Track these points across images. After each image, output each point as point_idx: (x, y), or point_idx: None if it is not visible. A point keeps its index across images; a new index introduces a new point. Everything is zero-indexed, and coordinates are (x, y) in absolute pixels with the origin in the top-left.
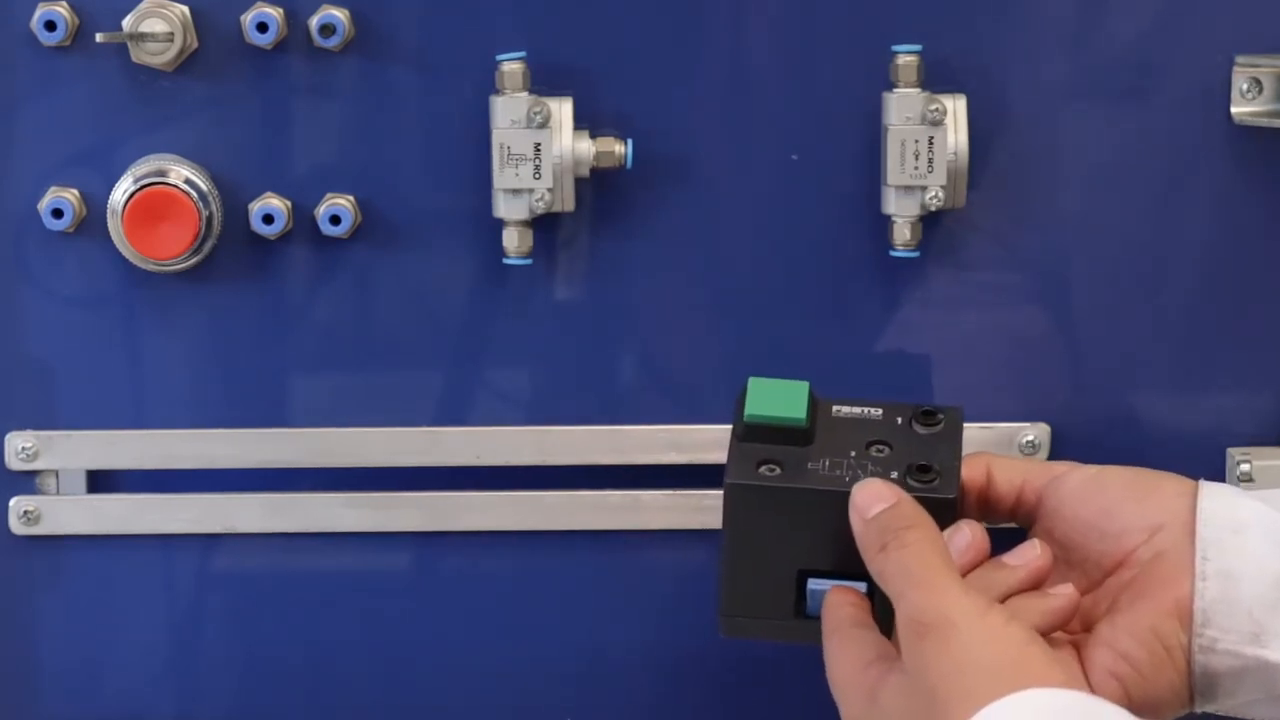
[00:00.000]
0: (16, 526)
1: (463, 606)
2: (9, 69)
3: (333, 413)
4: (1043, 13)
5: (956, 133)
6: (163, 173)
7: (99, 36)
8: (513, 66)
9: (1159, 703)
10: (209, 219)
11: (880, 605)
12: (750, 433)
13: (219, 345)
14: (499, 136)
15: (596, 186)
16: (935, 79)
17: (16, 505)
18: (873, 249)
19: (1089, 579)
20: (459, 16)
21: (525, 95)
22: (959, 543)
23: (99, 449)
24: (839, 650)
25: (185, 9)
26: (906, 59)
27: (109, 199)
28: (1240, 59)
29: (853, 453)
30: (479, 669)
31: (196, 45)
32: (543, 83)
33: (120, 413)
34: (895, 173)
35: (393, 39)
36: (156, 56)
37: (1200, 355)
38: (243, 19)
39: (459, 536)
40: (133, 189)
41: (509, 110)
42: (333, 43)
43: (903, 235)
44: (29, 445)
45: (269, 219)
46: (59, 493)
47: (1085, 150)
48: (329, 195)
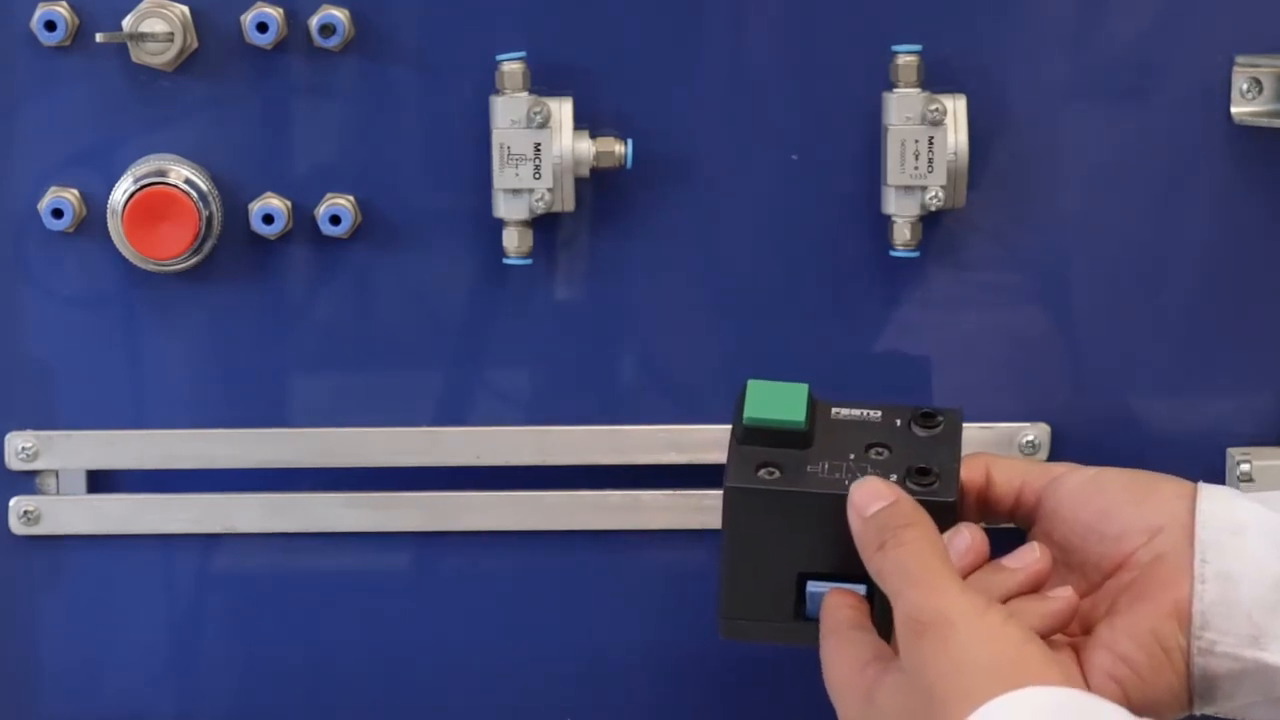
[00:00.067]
0: (16, 526)
1: (463, 606)
2: (9, 69)
3: (333, 413)
4: (1043, 13)
5: (956, 133)
6: (163, 173)
7: (99, 36)
8: (513, 66)
9: (1158, 705)
10: (209, 219)
11: (880, 607)
12: (749, 435)
13: (219, 345)
14: (499, 136)
15: (596, 186)
16: (935, 79)
17: (16, 505)
18: (873, 249)
19: (1088, 581)
20: (459, 16)
21: (525, 95)
22: (958, 545)
23: (99, 449)
24: (835, 651)
25: (185, 9)
26: (906, 59)
27: (109, 199)
28: (1240, 59)
29: (852, 455)
30: (479, 669)
31: (196, 45)
32: (543, 83)
33: (120, 413)
34: (895, 173)
35: (393, 39)
36: (156, 56)
37: (1200, 355)
38: (243, 19)
39: (459, 536)
40: (133, 189)
41: (509, 110)
42: (333, 43)
43: (903, 235)
44: (29, 445)
45: (269, 219)
46: (59, 493)
47: (1085, 150)
48: (329, 195)
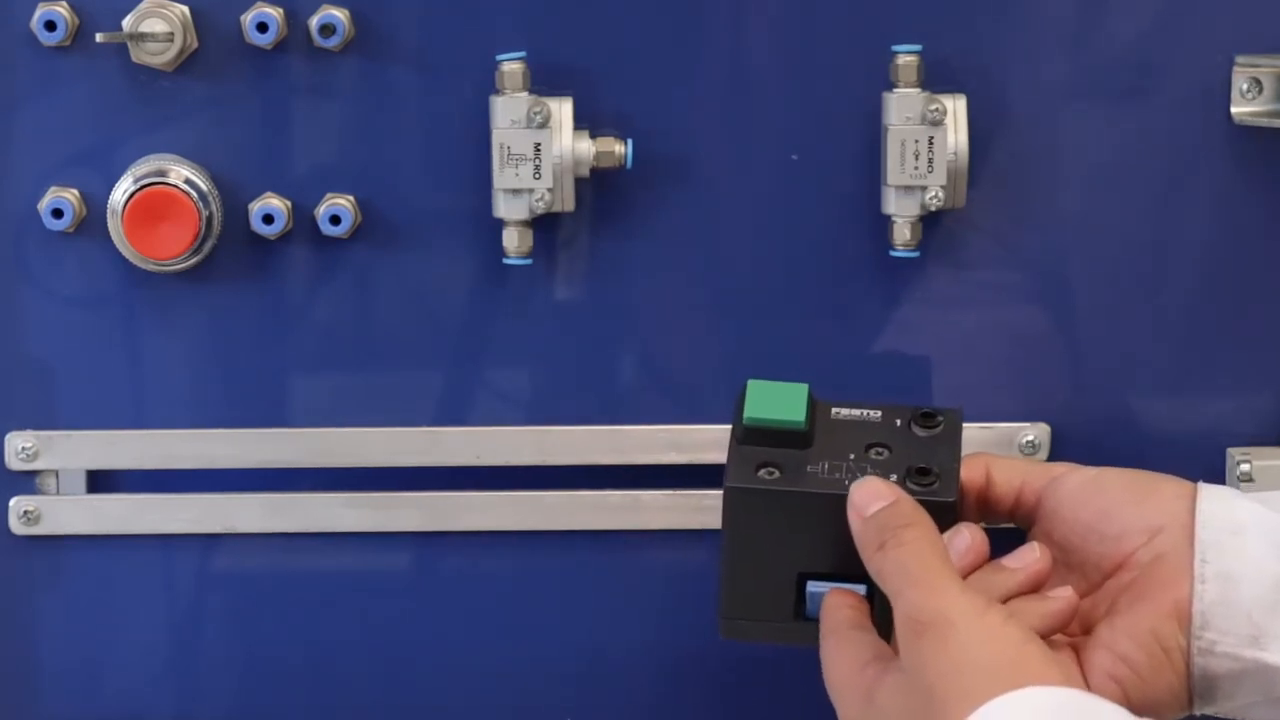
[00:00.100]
0: (16, 526)
1: (463, 606)
2: (9, 69)
3: (333, 413)
4: (1043, 13)
5: (956, 133)
6: (163, 173)
7: (99, 36)
8: (513, 66)
9: (1158, 705)
10: (209, 219)
11: (880, 607)
12: (749, 435)
13: (219, 345)
14: (499, 136)
15: (596, 186)
16: (935, 79)
17: (16, 505)
18: (873, 249)
19: (1088, 581)
20: (459, 16)
21: (525, 95)
22: (958, 546)
23: (99, 449)
24: (835, 652)
25: (185, 9)
26: (906, 59)
27: (109, 199)
28: (1240, 59)
29: (852, 455)
30: (479, 669)
31: (196, 45)
32: (543, 83)
33: (120, 413)
34: (895, 173)
35: (393, 39)
36: (156, 56)
37: (1200, 355)
38: (243, 19)
39: (459, 536)
40: (133, 189)
41: (509, 110)
42: (333, 43)
43: (903, 235)
44: (29, 445)
45: (269, 219)
46: (59, 493)
47: (1085, 150)
48: (329, 195)
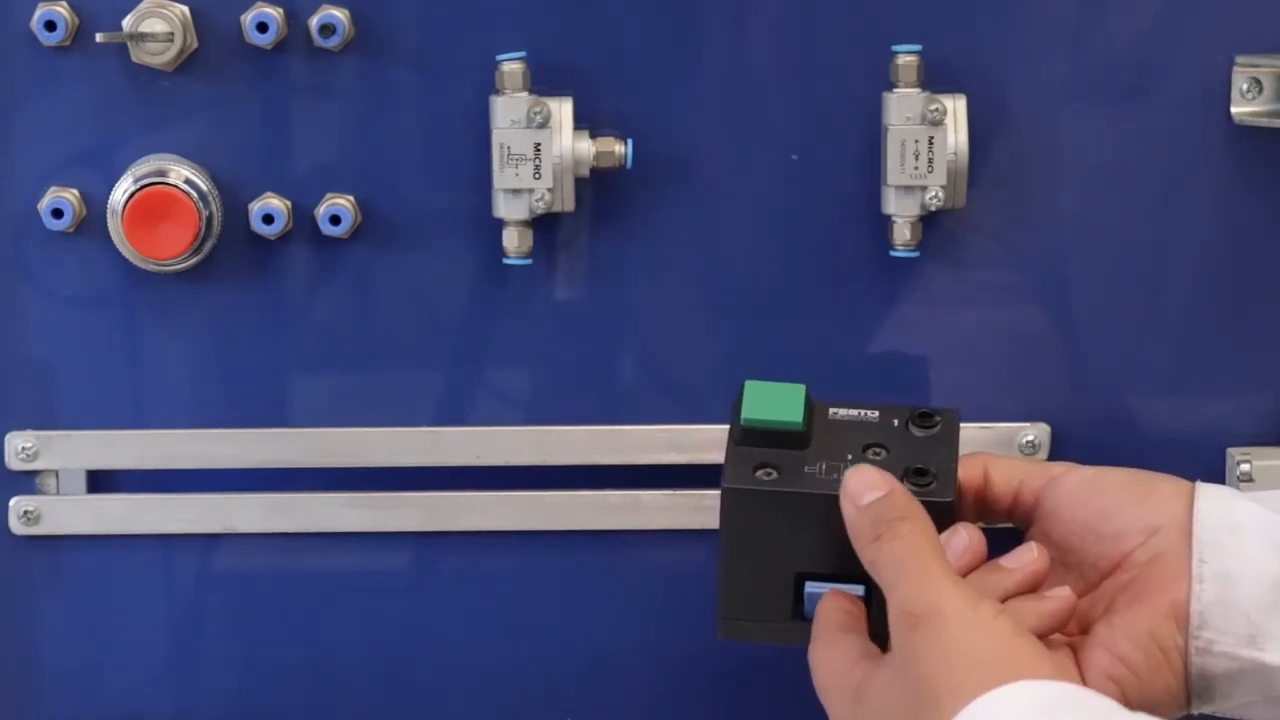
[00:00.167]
0: (16, 526)
1: (463, 606)
2: (9, 69)
3: (333, 413)
4: (1043, 13)
5: (956, 133)
6: (163, 173)
7: (99, 36)
8: (513, 66)
9: (1155, 704)
10: (209, 219)
11: (878, 608)
12: (747, 436)
13: (219, 345)
14: (499, 136)
15: (596, 186)
16: (935, 79)
17: (16, 505)
18: (873, 249)
19: (1086, 581)
20: (459, 16)
21: (525, 95)
22: (956, 546)
23: (99, 449)
24: (823, 653)
25: (185, 9)
26: (906, 59)
27: (109, 199)
28: (1240, 59)
29: (849, 455)
30: (479, 669)
31: (196, 45)
32: (543, 83)
33: (120, 413)
34: (895, 173)
35: (393, 39)
36: (156, 56)
37: (1200, 355)
38: (243, 19)
39: (459, 536)
40: (133, 189)
41: (509, 110)
42: (333, 43)
43: (903, 235)
44: (29, 445)
45: (269, 219)
46: (59, 493)
47: (1085, 150)
48: (329, 195)
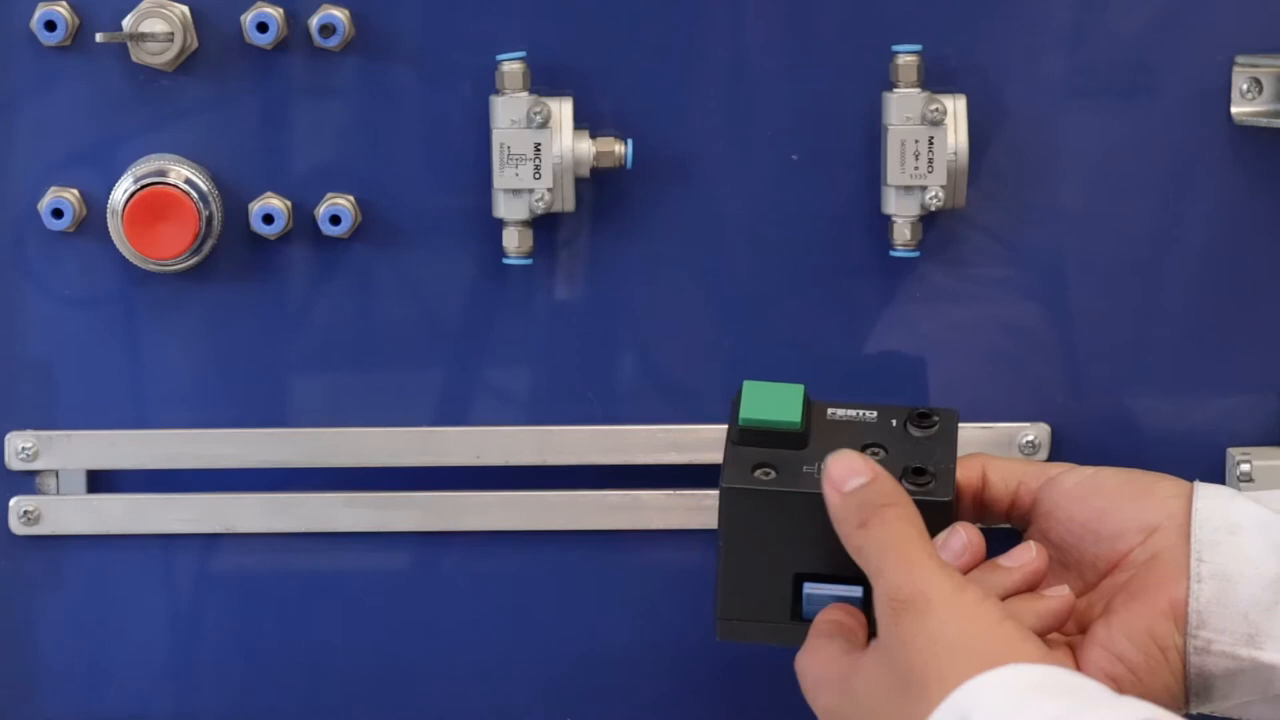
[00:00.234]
0: (16, 526)
1: (462, 606)
2: (9, 69)
3: (333, 413)
4: (1043, 13)
5: (956, 133)
6: (163, 173)
7: (99, 36)
8: (513, 66)
9: (1154, 703)
10: (209, 219)
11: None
12: (745, 436)
13: (219, 345)
14: (499, 136)
15: (596, 186)
16: (935, 79)
17: (16, 505)
18: (873, 249)
19: (1084, 580)
20: (459, 16)
21: (525, 95)
22: (954, 545)
23: (99, 449)
24: (809, 658)
25: (185, 9)
26: (906, 59)
27: (109, 199)
28: (1240, 59)
29: None
30: (479, 669)
31: (196, 45)
32: (543, 83)
33: (120, 413)
34: (895, 173)
35: (393, 39)
36: (156, 56)
37: (1200, 355)
38: (243, 19)
39: (459, 536)
40: (133, 189)
41: (509, 110)
42: (333, 43)
43: (903, 235)
44: (29, 445)
45: (269, 219)
46: (59, 493)
47: (1085, 150)
48: (329, 195)
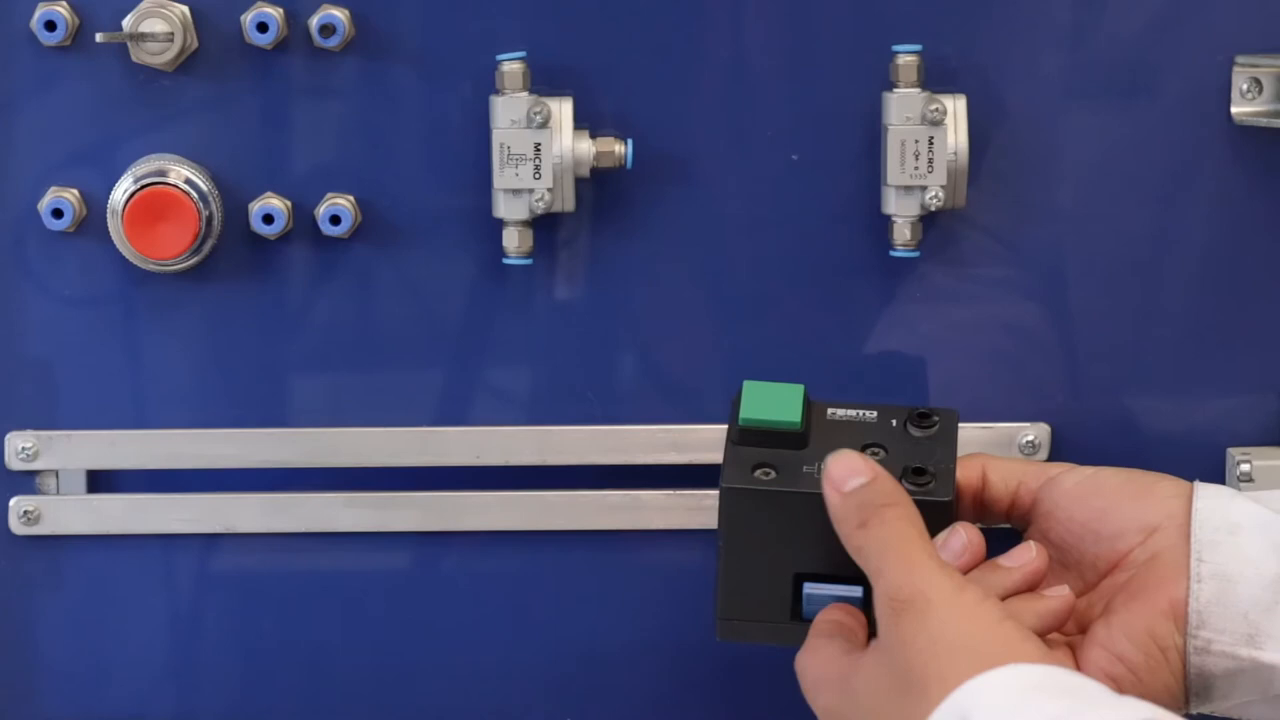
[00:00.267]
0: (16, 526)
1: (462, 606)
2: (9, 69)
3: (333, 413)
4: (1043, 13)
5: (956, 133)
6: (163, 173)
7: (99, 36)
8: (513, 66)
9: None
10: (209, 219)
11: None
12: (745, 436)
13: (219, 345)
14: (499, 136)
15: (596, 186)
16: (935, 79)
17: (16, 505)
18: (873, 249)
19: (1084, 580)
20: (459, 16)
21: (525, 95)
22: (954, 545)
23: (99, 449)
24: (808, 658)
25: (185, 9)
26: (906, 59)
27: (109, 199)
28: (1240, 59)
29: None
30: (479, 669)
31: (196, 45)
32: (543, 83)
33: (120, 413)
34: (895, 173)
35: (393, 39)
36: (156, 56)
37: (1200, 355)
38: (243, 19)
39: (459, 536)
40: (133, 189)
41: (509, 110)
42: (333, 43)
43: (903, 235)
44: (29, 445)
45: (269, 219)
46: (59, 493)
47: (1085, 150)
48: (329, 195)
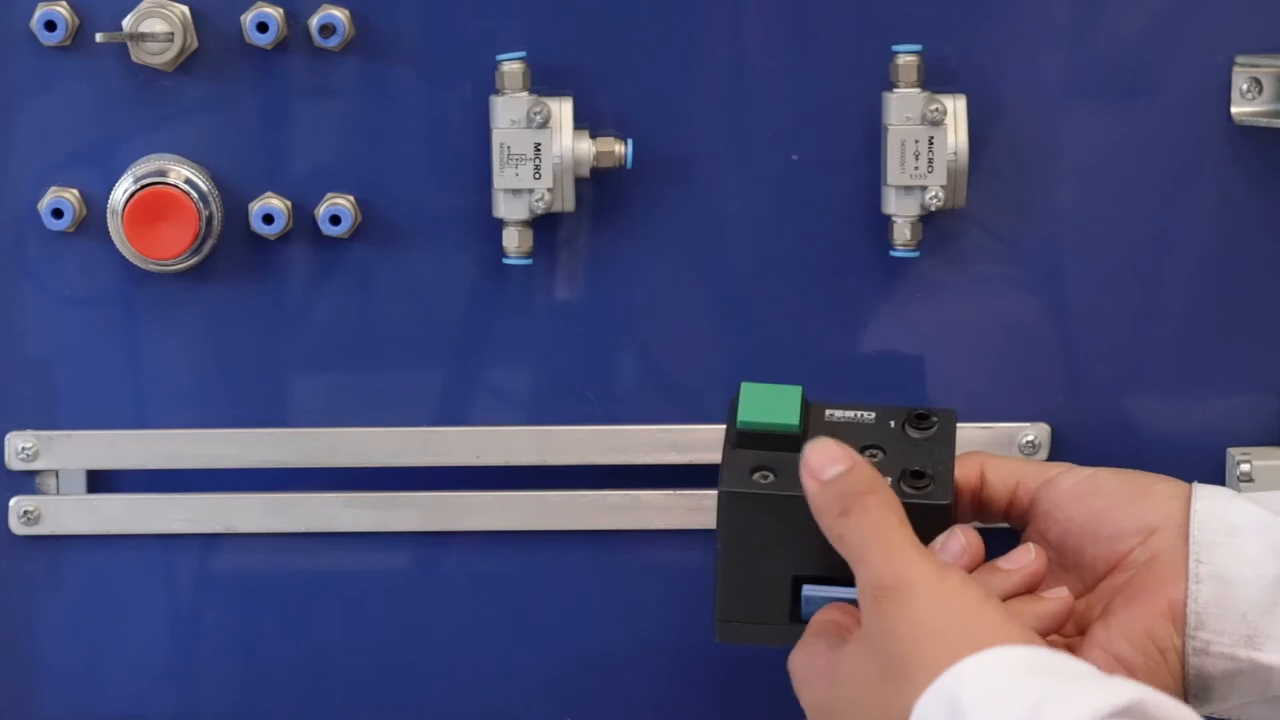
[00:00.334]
0: (16, 526)
1: (462, 606)
2: (9, 69)
3: (333, 413)
4: (1043, 13)
5: (956, 133)
6: (163, 173)
7: (99, 36)
8: (513, 66)
9: None
10: (209, 219)
11: None
12: (743, 439)
13: (219, 345)
14: (499, 136)
15: (596, 186)
16: (935, 79)
17: (16, 505)
18: (873, 249)
19: (1083, 582)
20: (459, 16)
21: (525, 95)
22: (953, 548)
23: (99, 449)
24: (799, 657)
25: (185, 9)
26: (906, 59)
27: (109, 199)
28: (1240, 59)
29: None
30: (479, 669)
31: (196, 45)
32: (543, 83)
33: (120, 413)
34: (895, 173)
35: (393, 39)
36: (156, 56)
37: (1200, 355)
38: (243, 19)
39: (459, 536)
40: (133, 189)
41: (509, 110)
42: (333, 43)
43: (903, 235)
44: (29, 445)
45: (269, 219)
46: (59, 493)
47: (1085, 150)
48: (329, 195)
